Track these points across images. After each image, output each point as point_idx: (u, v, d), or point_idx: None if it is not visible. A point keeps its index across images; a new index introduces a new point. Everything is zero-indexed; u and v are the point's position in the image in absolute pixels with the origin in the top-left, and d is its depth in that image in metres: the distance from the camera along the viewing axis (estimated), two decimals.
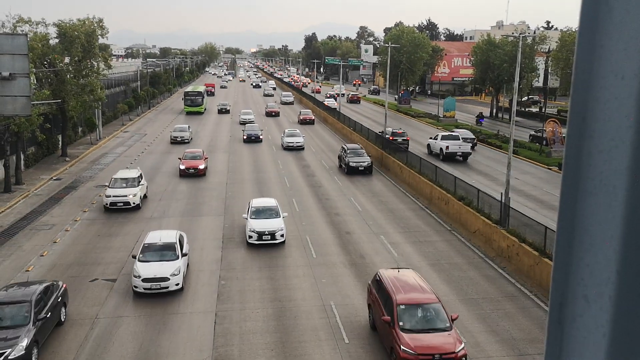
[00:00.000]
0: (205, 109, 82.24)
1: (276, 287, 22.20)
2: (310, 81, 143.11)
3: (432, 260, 25.17)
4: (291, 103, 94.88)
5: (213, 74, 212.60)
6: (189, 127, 57.70)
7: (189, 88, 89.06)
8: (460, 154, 45.43)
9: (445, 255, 25.76)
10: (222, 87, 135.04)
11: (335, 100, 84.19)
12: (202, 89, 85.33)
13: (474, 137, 52.74)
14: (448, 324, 16.60)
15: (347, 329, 18.90)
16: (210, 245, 26.82)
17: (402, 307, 16.80)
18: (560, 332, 1.09)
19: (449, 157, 45.48)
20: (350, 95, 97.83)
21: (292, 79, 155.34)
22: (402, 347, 15.79)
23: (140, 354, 17.35)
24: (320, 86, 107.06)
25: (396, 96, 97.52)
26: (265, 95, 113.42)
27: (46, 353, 17.36)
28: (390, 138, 48.86)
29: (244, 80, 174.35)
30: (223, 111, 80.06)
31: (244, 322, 19.36)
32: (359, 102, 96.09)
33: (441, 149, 46.44)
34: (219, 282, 22.65)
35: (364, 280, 22.85)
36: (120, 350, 17.52)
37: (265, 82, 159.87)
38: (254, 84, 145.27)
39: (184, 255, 22.43)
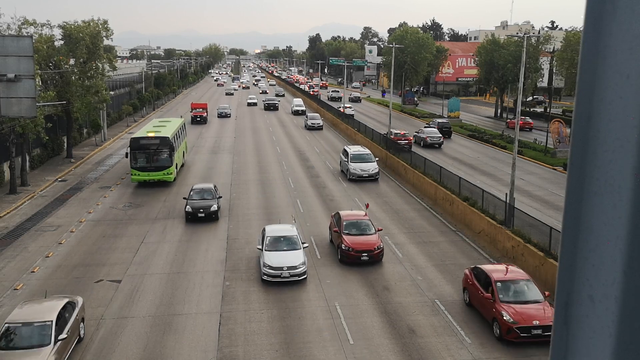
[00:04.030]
0: (181, 165, 42.89)
1: (280, 287, 22.20)
2: (301, 77, 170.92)
3: (436, 260, 25.13)
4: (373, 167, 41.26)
5: (215, 80, 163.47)
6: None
7: (142, 131, 40.84)
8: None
9: (450, 256, 25.72)
10: (220, 114, 76.92)
11: (310, 88, 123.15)
12: (172, 126, 42.21)
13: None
14: None
15: (352, 330, 18.89)
16: (214, 247, 26.85)
17: None
18: (566, 332, 1.09)
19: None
20: (321, 84, 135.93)
21: (289, 77, 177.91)
22: None
23: (145, 355, 17.38)
24: (306, 81, 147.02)
25: (392, 95, 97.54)
26: (309, 128, 65.95)
27: None
28: (309, 90, 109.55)
29: (248, 87, 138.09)
30: (201, 214, 30.34)
31: (248, 323, 19.37)
32: (326, 88, 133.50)
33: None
34: (223, 283, 22.68)
35: (368, 281, 22.85)
36: (126, 351, 17.56)
37: (283, 95, 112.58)
38: (267, 104, 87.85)
39: None
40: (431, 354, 17.45)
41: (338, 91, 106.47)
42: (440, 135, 53.68)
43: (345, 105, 76.66)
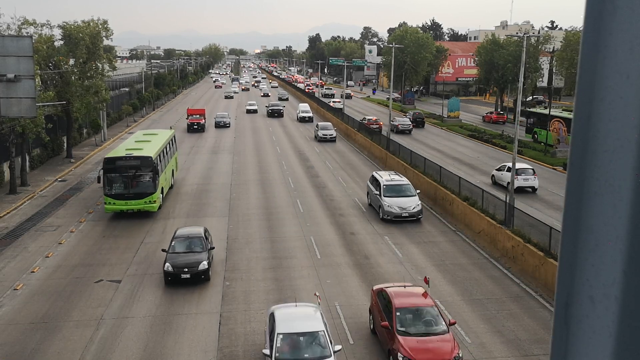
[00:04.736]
0: (169, 187, 36.29)
1: (280, 288, 22.20)
2: (300, 76, 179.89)
3: (436, 260, 25.14)
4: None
5: (214, 81, 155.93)
6: None
7: (120, 148, 34.28)
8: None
9: (450, 256, 25.72)
10: (218, 124, 67.01)
11: (306, 86, 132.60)
12: (158, 141, 35.32)
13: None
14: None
15: (352, 330, 18.89)
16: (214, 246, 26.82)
17: None
18: (566, 332, 1.09)
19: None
20: (318, 82, 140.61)
21: (288, 76, 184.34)
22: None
23: (145, 355, 17.38)
24: (304, 80, 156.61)
25: (388, 96, 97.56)
26: (320, 139, 58.05)
27: (51, 354, 17.42)
28: (305, 88, 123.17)
29: (248, 89, 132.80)
30: (185, 275, 22.04)
31: (248, 322, 19.37)
32: (322, 87, 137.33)
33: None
34: (223, 283, 22.68)
35: (368, 281, 22.83)
36: (125, 352, 17.56)
37: (287, 99, 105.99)
38: (271, 110, 78.64)
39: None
40: None
41: (331, 89, 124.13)
42: (410, 123, 65.20)
43: (334, 100, 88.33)
